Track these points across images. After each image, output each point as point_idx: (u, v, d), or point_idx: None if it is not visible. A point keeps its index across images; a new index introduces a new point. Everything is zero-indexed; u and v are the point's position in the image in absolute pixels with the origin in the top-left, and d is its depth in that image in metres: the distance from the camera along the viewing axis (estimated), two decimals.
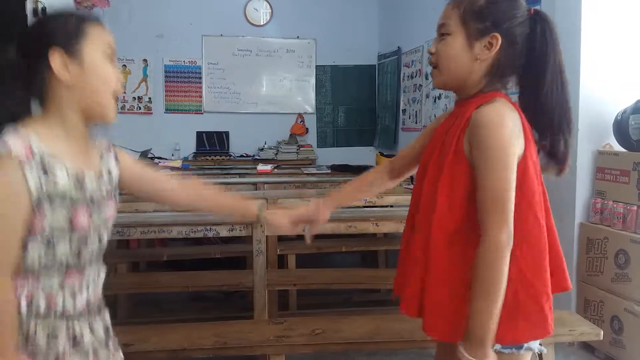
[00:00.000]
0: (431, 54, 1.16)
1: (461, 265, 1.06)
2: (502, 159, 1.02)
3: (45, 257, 0.94)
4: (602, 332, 1.84)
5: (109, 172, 1.08)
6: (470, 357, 1.00)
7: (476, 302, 1.01)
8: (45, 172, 0.92)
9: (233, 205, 1.35)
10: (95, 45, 1.00)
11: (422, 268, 1.10)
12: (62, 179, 0.94)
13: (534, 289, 1.07)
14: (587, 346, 2.62)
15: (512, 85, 1.15)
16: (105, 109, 1.02)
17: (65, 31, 0.97)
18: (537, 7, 1.17)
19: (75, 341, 0.99)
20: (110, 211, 1.06)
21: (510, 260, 1.01)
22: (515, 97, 1.16)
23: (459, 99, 1.18)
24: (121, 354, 1.14)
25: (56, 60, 0.95)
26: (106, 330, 1.09)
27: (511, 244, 1.01)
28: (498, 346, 1.06)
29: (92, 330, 1.04)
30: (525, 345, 1.09)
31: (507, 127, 1.02)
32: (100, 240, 1.05)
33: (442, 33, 1.13)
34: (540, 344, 1.12)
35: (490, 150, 1.02)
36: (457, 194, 1.06)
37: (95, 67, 0.99)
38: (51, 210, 0.93)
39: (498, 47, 1.08)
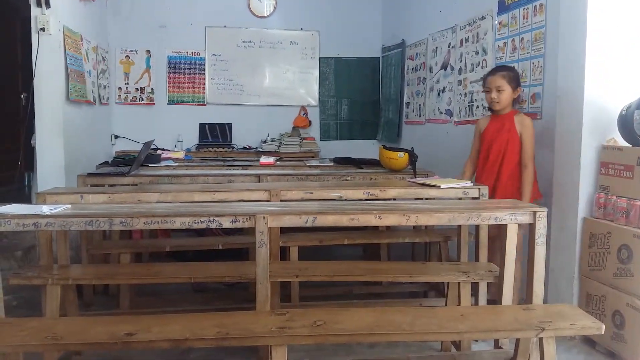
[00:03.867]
0: (495, 97, 2.94)
1: (518, 176, 2.89)
2: (533, 136, 2.88)
3: None
4: (603, 327, 1.84)
5: None
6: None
7: (526, 190, 2.83)
8: None
9: None
10: None
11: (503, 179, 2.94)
12: None
13: (536, 183, 2.91)
14: (588, 340, 2.63)
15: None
16: None
17: None
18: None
19: None
20: None
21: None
22: None
23: (498, 113, 2.99)
24: None
25: None
26: None
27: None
28: None
29: None
30: None
31: (532, 123, 2.91)
32: None
33: (499, 90, 2.92)
34: None
35: (529, 132, 2.87)
36: (516, 151, 2.88)
37: None
38: None
39: (519, 92, 3.00)
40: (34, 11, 3.74)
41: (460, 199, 2.77)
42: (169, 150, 4.91)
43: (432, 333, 1.82)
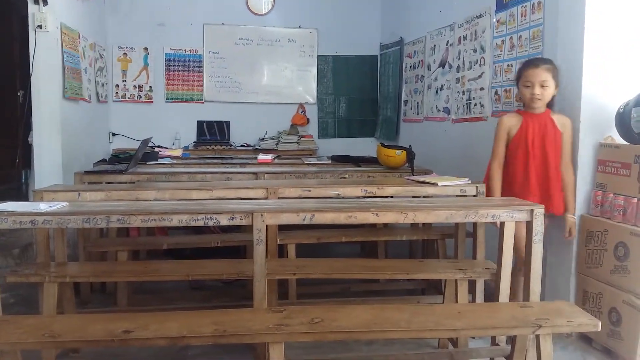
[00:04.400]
0: (539, 94, 2.56)
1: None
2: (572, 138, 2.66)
3: None
4: (600, 324, 1.84)
5: None
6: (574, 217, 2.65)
7: (569, 193, 2.64)
8: None
9: None
10: None
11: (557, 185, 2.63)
12: None
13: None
14: (585, 337, 2.63)
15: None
16: None
17: None
18: None
19: None
20: None
21: None
22: None
23: (534, 111, 2.63)
24: None
25: None
26: None
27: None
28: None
29: None
30: None
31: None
32: None
33: (543, 85, 2.56)
34: None
35: (570, 133, 2.64)
36: (558, 151, 2.61)
37: None
38: None
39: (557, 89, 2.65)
40: (32, 8, 3.73)
41: (457, 196, 2.77)
42: (166, 148, 4.91)
43: (429, 330, 1.83)
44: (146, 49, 5.64)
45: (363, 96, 6.12)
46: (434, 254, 3.31)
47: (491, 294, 2.44)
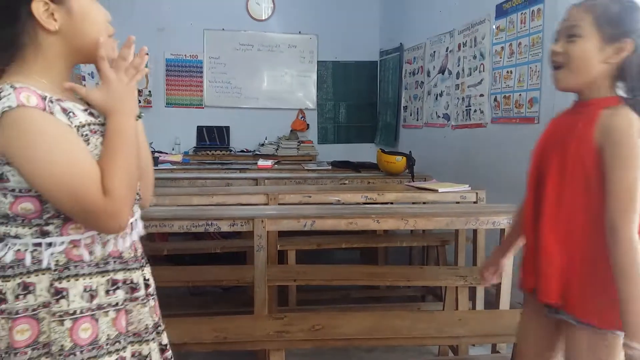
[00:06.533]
0: (556, 53, 1.20)
1: (603, 251, 1.14)
2: (637, 165, 1.11)
3: None
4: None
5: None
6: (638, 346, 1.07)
7: (627, 295, 1.09)
8: (67, 113, 0.90)
9: None
10: None
11: (567, 258, 1.20)
12: (82, 116, 0.93)
13: None
14: None
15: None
16: (96, 50, 0.97)
17: None
18: None
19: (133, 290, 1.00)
20: None
21: None
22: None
23: (579, 99, 1.25)
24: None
25: (40, 9, 0.90)
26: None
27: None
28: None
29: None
30: None
31: (637, 134, 1.12)
32: None
33: (572, 34, 1.18)
34: None
35: (626, 154, 1.11)
36: (589, 188, 1.16)
37: (84, 10, 0.95)
38: (89, 148, 0.92)
39: (628, 52, 1.15)
40: None
41: (457, 202, 2.77)
42: (166, 153, 4.90)
43: (430, 337, 1.83)
44: (147, 54, 5.64)
45: (363, 102, 6.13)
46: (434, 260, 3.31)
47: (492, 301, 2.44)
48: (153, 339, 1.03)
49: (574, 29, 1.18)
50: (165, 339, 1.10)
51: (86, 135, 0.92)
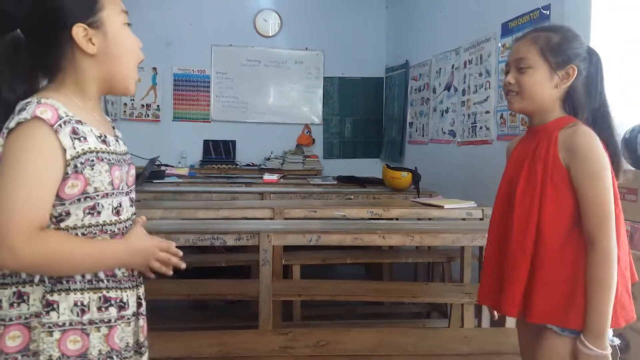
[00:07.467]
0: (510, 83, 1.31)
1: (573, 264, 1.21)
2: (605, 176, 1.19)
3: (89, 224, 0.95)
4: (609, 352, 1.82)
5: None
6: (595, 349, 1.16)
7: (596, 302, 1.17)
8: (76, 136, 0.92)
9: None
10: (113, 12, 1.00)
11: (527, 270, 1.24)
12: (93, 142, 0.95)
13: (624, 280, 1.25)
14: None
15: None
16: (128, 79, 1.03)
17: (81, 3, 0.96)
18: (589, 45, 1.33)
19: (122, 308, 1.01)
20: (133, 178, 1.09)
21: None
22: None
23: (533, 125, 1.34)
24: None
25: (80, 34, 0.95)
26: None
27: (616, 250, 1.19)
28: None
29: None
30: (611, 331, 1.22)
31: (601, 147, 1.20)
32: (132, 205, 1.08)
33: (522, 67, 1.29)
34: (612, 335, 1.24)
35: (594, 169, 1.19)
36: (562, 208, 1.22)
37: (118, 36, 1.00)
38: (91, 173, 0.93)
39: (573, 77, 1.26)
40: None
41: (463, 219, 2.77)
42: (173, 167, 4.93)
43: (435, 355, 1.81)
44: (155, 68, 5.72)
45: (368, 117, 6.15)
46: (439, 276, 3.29)
47: (498, 319, 2.42)
48: (131, 356, 1.03)
49: (523, 61, 1.28)
50: None
51: (92, 160, 0.94)
